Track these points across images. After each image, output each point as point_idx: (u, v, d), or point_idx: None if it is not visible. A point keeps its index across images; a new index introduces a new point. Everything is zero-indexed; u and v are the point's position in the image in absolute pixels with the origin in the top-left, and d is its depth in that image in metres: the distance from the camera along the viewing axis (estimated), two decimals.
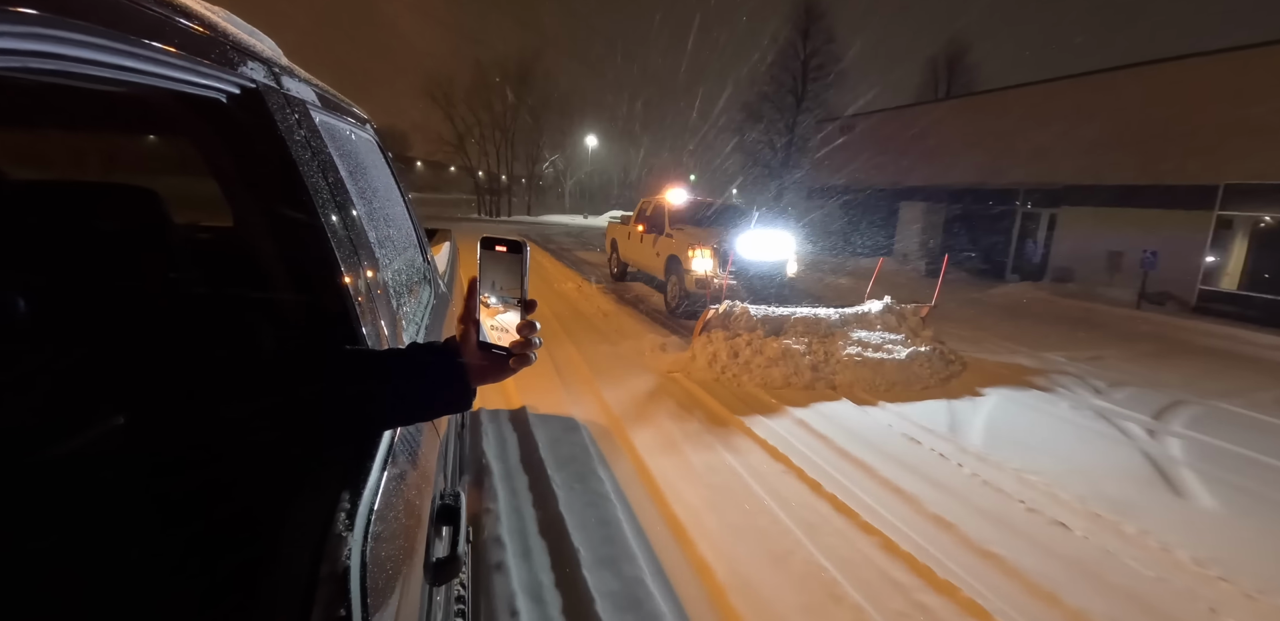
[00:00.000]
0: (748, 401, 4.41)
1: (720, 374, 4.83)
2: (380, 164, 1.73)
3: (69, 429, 0.57)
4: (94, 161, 2.17)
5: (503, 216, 39.01)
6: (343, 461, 0.67)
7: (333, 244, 0.84)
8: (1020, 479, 3.31)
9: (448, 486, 1.08)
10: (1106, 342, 7.30)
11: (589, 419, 3.91)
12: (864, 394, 4.70)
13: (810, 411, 4.23)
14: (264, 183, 0.79)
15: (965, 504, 2.98)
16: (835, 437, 3.77)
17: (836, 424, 4.02)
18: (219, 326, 0.87)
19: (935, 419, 4.22)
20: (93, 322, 0.70)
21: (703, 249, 6.98)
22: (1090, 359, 6.32)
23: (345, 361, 0.73)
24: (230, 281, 0.91)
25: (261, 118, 0.78)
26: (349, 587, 0.53)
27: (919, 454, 3.59)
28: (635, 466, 3.26)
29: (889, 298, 5.89)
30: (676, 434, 3.72)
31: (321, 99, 1.14)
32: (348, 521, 0.58)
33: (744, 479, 3.17)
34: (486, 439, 3.44)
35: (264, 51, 0.87)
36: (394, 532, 0.67)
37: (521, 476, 3.04)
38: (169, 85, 0.61)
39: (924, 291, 6.92)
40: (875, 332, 5.44)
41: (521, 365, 0.71)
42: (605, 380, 4.74)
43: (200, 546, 0.60)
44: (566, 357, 5.29)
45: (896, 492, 3.09)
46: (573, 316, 7.16)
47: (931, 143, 15.56)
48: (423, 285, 1.74)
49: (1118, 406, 4.72)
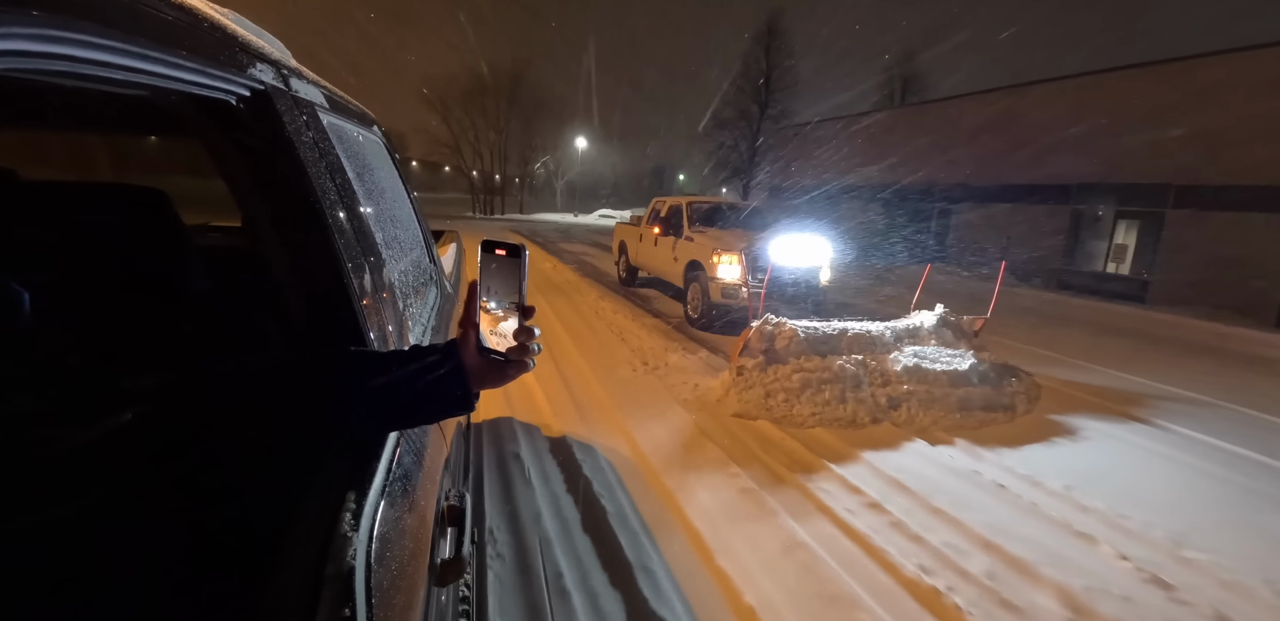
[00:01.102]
0: (807, 442, 3.55)
1: (767, 408, 3.96)
2: (388, 165, 1.74)
3: (75, 424, 0.57)
4: (105, 162, 2.19)
5: (497, 215, 42.28)
6: (348, 462, 0.67)
7: (340, 245, 0.84)
8: (1219, 579, 2.36)
9: (453, 487, 1.08)
10: (1213, 367, 6.17)
11: (623, 467, 3.12)
12: (937, 429, 3.82)
13: (880, 458, 3.38)
14: (272, 184, 0.80)
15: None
16: (925, 493, 2.95)
17: (920, 476, 3.15)
18: (226, 325, 0.87)
19: (1038, 465, 3.37)
20: (100, 320, 0.70)
21: (729, 254, 6.23)
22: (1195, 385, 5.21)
23: (349, 362, 0.73)
24: (238, 281, 0.92)
25: (270, 119, 0.78)
26: (354, 588, 0.53)
27: (1050, 530, 2.69)
28: (694, 548, 2.44)
29: (941, 306, 5.09)
30: (731, 495, 2.87)
31: (329, 100, 1.14)
32: (353, 522, 0.58)
33: (831, 569, 2.32)
34: (490, 495, 2.76)
35: (272, 53, 0.88)
36: (399, 533, 0.67)
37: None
38: (179, 87, 0.62)
39: (960, 298, 6.00)
40: (930, 348, 4.64)
41: (520, 371, 0.71)
42: (630, 410, 3.98)
43: (207, 546, 0.60)
44: (566, 360, 5.19)
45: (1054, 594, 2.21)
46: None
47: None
48: (429, 286, 1.74)
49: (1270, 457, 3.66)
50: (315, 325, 0.82)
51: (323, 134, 0.96)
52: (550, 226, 27.63)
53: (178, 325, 0.79)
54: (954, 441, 3.66)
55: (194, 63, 0.61)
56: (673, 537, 2.51)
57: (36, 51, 0.42)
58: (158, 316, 0.78)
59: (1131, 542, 2.61)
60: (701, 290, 6.53)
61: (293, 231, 0.81)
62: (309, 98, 0.97)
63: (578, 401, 4.13)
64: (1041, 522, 2.75)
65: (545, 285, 9.16)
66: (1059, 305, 10.19)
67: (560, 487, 2.89)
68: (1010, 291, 10.58)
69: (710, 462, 3.25)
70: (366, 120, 1.60)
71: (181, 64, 0.59)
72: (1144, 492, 3.11)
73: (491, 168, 44.86)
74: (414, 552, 0.71)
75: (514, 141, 45.18)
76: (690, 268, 6.93)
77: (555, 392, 4.27)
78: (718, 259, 6.29)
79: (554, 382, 4.46)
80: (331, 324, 0.81)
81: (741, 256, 6.10)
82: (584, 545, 2.42)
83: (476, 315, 0.70)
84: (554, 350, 5.38)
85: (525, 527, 2.51)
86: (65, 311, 0.66)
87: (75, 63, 0.46)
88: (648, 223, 8.75)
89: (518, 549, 2.36)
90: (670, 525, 2.60)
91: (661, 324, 6.76)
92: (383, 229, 1.21)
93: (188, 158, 1.94)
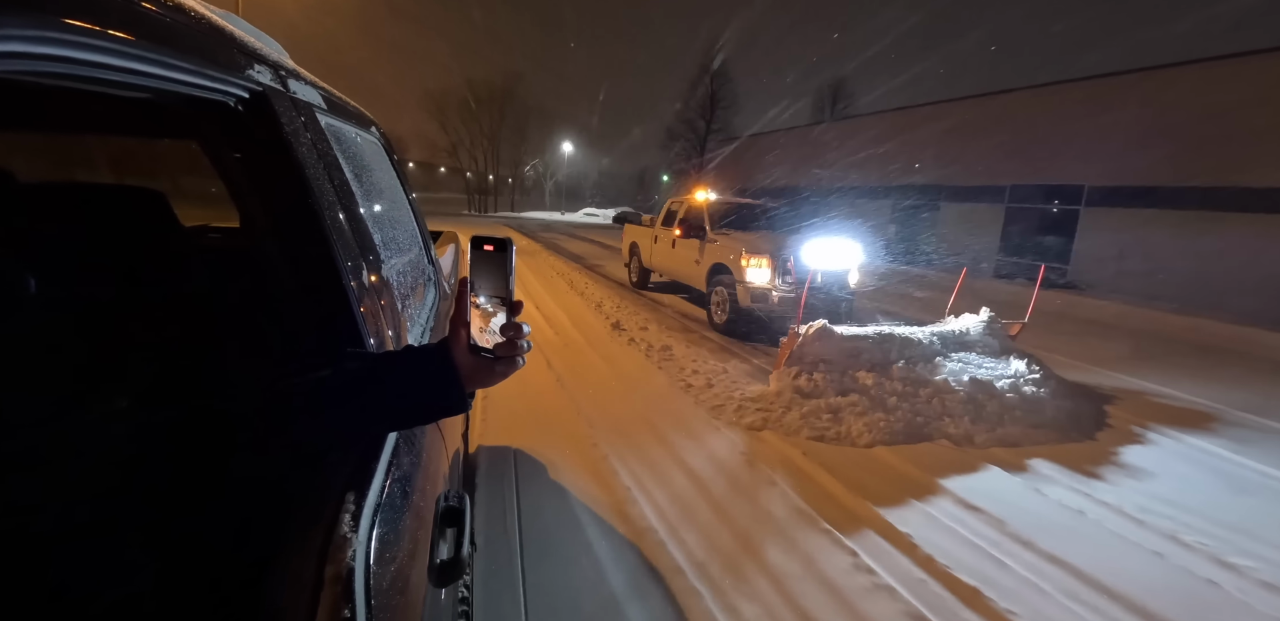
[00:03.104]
0: (870, 469, 3.10)
1: (822, 427, 3.53)
2: (386, 166, 1.74)
3: (69, 418, 0.57)
4: (103, 164, 2.19)
5: (490, 212, 48.69)
6: (347, 463, 0.67)
7: (338, 246, 0.84)
8: None
9: (453, 488, 1.08)
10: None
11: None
12: (1003, 451, 3.39)
13: (962, 486, 2.91)
14: (271, 185, 0.80)
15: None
16: (1029, 536, 2.49)
17: (1022, 515, 2.67)
18: (223, 327, 0.87)
19: (1137, 496, 2.93)
20: (99, 320, 0.70)
21: (759, 257, 5.95)
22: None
23: (344, 364, 0.73)
24: (236, 282, 0.92)
25: (268, 121, 0.78)
26: (354, 589, 0.53)
27: (1189, 583, 2.26)
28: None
29: (988, 311, 4.70)
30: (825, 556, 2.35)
31: (328, 102, 1.14)
32: (352, 523, 0.58)
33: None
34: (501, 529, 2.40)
35: (270, 55, 0.88)
36: (398, 534, 0.67)
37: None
38: (177, 89, 0.62)
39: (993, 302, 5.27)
40: (974, 355, 4.27)
41: (509, 368, 0.70)
42: (660, 427, 3.55)
43: (205, 547, 0.60)
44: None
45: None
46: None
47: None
48: (427, 287, 1.74)
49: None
50: (313, 326, 0.82)
51: (321, 135, 0.96)
52: (536, 223, 31.90)
53: (175, 327, 0.79)
54: (1036, 464, 3.22)
55: (191, 64, 0.61)
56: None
57: (34, 53, 0.42)
58: (155, 318, 0.78)
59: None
60: (727, 294, 6.24)
61: (291, 232, 0.81)
62: (307, 99, 0.97)
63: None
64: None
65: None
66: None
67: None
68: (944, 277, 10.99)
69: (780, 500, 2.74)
70: (365, 121, 1.60)
71: (179, 65, 0.59)
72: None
73: (485, 170, 51.48)
74: (413, 553, 0.71)
75: (506, 146, 51.91)
76: (715, 271, 6.61)
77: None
78: (746, 262, 5.98)
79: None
80: (329, 325, 0.81)
81: (771, 259, 5.88)
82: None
83: (468, 313, 0.69)
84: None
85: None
86: (62, 312, 0.66)
87: (72, 64, 0.46)
88: (662, 224, 8.30)
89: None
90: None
91: (687, 328, 6.56)
92: (381, 230, 1.21)
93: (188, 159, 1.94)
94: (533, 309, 7.08)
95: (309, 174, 0.83)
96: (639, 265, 9.26)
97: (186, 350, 0.75)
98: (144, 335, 0.73)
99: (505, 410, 3.69)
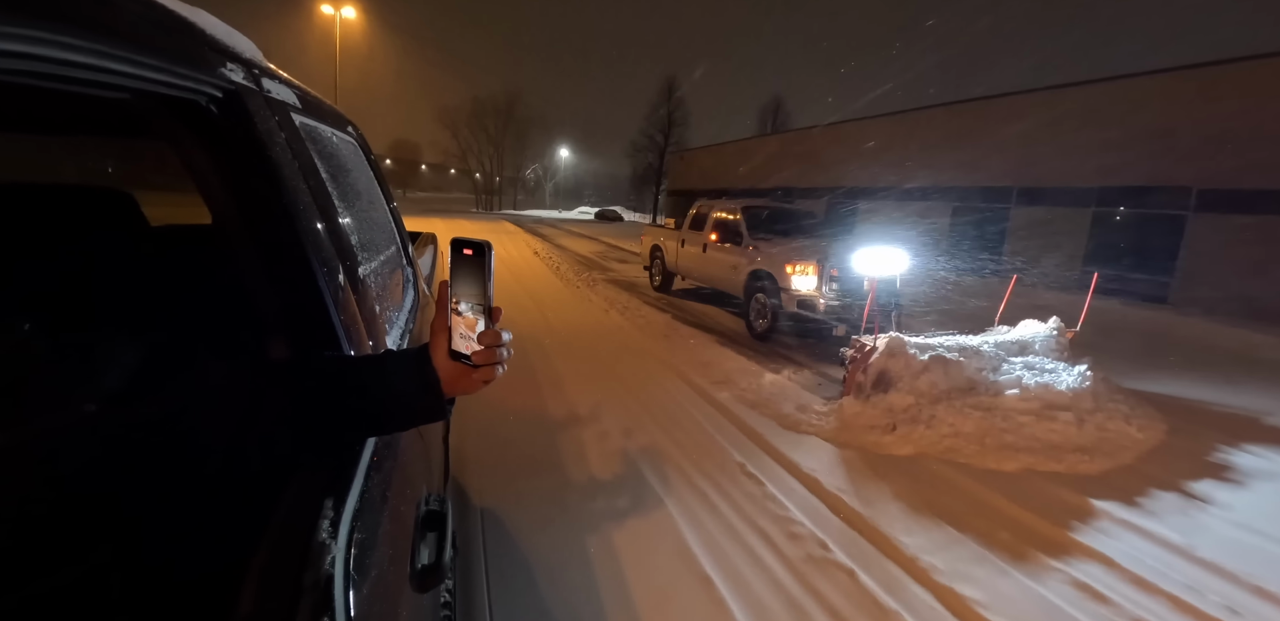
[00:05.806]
0: (973, 507, 2.76)
1: (922, 448, 3.31)
2: (363, 167, 1.71)
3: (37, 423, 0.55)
4: (69, 165, 2.13)
5: (495, 210, 57.41)
6: (326, 468, 0.66)
7: (313, 247, 0.83)
8: None
9: (434, 492, 1.07)
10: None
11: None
12: (1090, 466, 3.16)
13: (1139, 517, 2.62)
14: (244, 186, 0.78)
15: None
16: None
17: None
18: (196, 328, 0.85)
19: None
20: (64, 320, 0.68)
21: (805, 264, 5.84)
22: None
23: (320, 368, 0.71)
24: (208, 284, 0.90)
25: (241, 120, 0.77)
26: (333, 596, 0.52)
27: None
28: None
29: (1057, 320, 4.45)
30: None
31: (303, 101, 1.12)
32: (331, 529, 0.57)
33: None
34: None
35: (244, 53, 0.86)
36: (379, 540, 0.66)
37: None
38: (145, 86, 0.60)
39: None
40: (1035, 358, 4.05)
41: (487, 377, 0.68)
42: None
43: (181, 555, 0.59)
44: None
45: None
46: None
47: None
48: (406, 289, 1.72)
49: None
50: (288, 328, 0.80)
51: (295, 135, 0.95)
52: (532, 219, 38.22)
53: (145, 326, 0.77)
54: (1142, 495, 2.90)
55: (160, 61, 0.59)
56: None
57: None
58: (126, 317, 0.76)
59: None
60: (767, 301, 6.14)
61: (265, 234, 0.79)
62: (281, 98, 0.96)
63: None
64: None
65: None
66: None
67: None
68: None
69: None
70: (341, 121, 1.58)
71: (146, 63, 0.57)
72: None
73: (492, 172, 61.10)
74: (394, 559, 0.70)
75: (510, 151, 61.55)
76: (754, 277, 6.45)
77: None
78: (792, 269, 5.88)
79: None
80: (305, 326, 0.80)
81: (818, 266, 5.77)
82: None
83: (448, 318, 0.68)
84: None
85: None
86: (29, 312, 0.64)
87: (33, 61, 0.44)
88: (690, 228, 8.11)
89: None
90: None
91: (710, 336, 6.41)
92: (358, 231, 1.19)
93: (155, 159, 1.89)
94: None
95: (283, 174, 0.81)
96: (662, 268, 8.90)
97: (157, 353, 0.74)
98: (112, 338, 0.71)
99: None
